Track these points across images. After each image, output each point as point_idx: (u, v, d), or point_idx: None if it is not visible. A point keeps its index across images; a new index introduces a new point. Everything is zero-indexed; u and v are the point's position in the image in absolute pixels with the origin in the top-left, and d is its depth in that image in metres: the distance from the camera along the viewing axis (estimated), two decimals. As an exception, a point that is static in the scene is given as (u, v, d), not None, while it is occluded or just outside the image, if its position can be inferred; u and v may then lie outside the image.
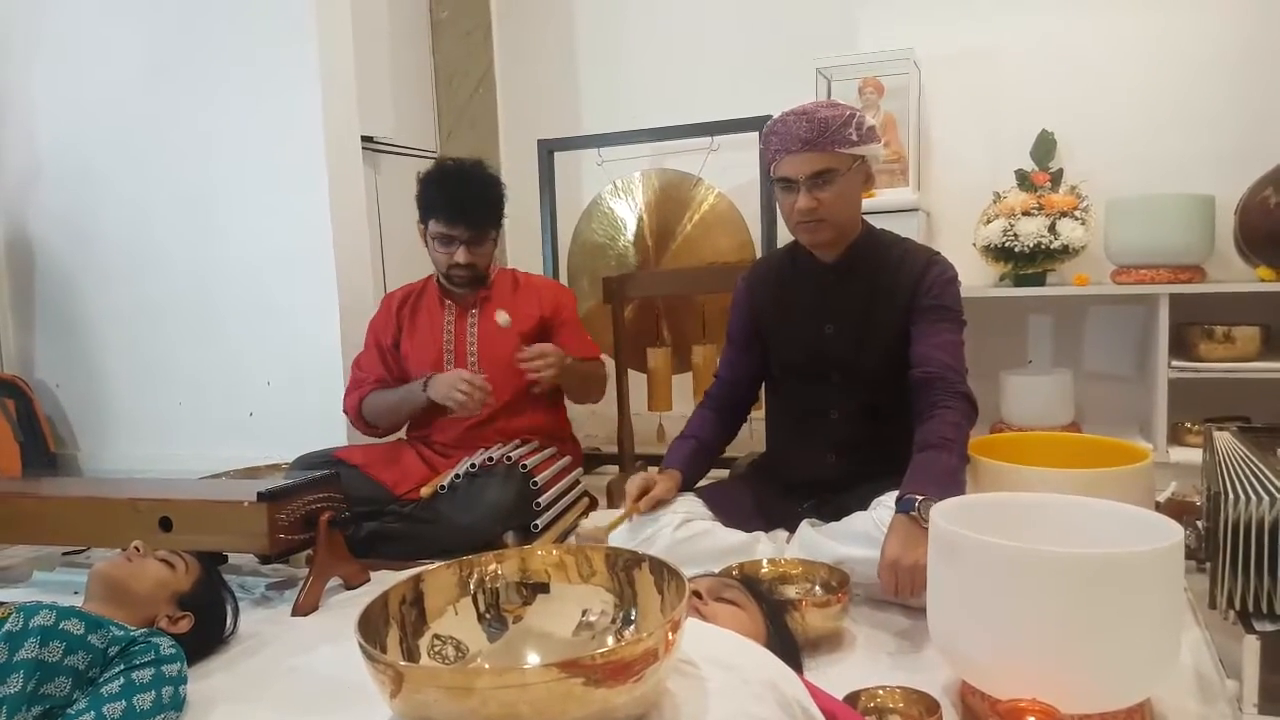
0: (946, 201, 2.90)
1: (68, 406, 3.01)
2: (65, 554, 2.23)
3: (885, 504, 1.60)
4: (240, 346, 2.73)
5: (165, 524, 1.80)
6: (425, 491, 2.08)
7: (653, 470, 1.84)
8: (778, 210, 1.85)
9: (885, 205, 2.62)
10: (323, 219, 2.57)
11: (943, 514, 1.25)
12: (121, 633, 1.28)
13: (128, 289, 2.87)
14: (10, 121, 2.99)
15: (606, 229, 3.02)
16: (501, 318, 2.16)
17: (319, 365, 2.60)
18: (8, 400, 2.81)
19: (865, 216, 1.81)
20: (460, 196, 2.15)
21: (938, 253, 1.77)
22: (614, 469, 2.82)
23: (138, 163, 2.80)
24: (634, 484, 1.76)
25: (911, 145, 2.79)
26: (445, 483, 2.09)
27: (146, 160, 2.79)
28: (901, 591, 1.44)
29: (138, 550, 1.50)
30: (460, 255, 2.18)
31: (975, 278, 2.84)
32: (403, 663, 0.87)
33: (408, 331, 2.34)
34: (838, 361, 1.76)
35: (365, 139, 2.82)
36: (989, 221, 2.69)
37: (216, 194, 2.71)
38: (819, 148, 1.63)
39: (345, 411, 2.33)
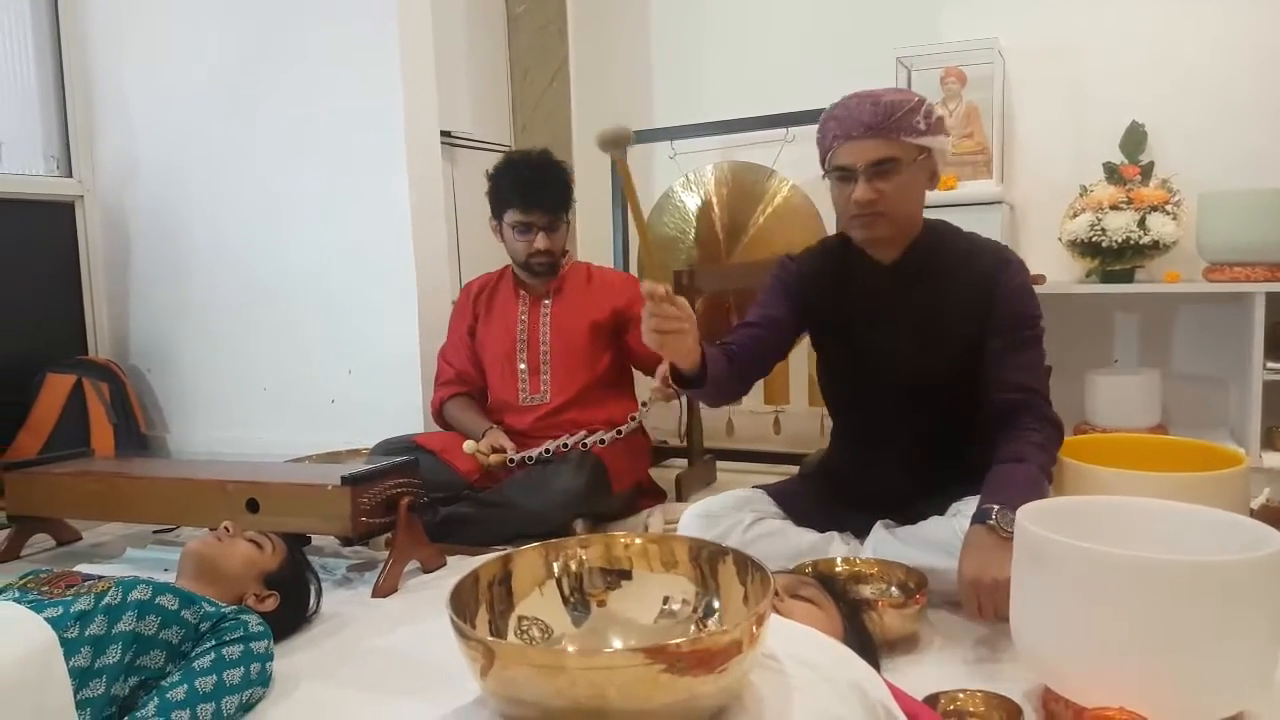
0: (1031, 195, 2.83)
1: (158, 391, 3.13)
2: (156, 532, 2.33)
3: (965, 512, 1.55)
4: (322, 336, 2.80)
5: (252, 505, 1.86)
6: (495, 459, 2.10)
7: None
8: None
9: (968, 198, 2.57)
10: (402, 212, 2.62)
11: (1029, 517, 1.23)
12: (213, 609, 1.33)
13: (215, 280, 2.97)
14: (105, 115, 3.12)
15: (678, 222, 3.02)
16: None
17: (398, 355, 2.66)
18: (102, 384, 2.93)
19: (946, 209, 1.74)
20: (534, 183, 2.19)
21: (1006, 248, 1.66)
22: (682, 463, 2.83)
23: (224, 158, 2.90)
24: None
25: (995, 137, 2.72)
26: (517, 457, 2.11)
27: (232, 155, 2.88)
28: (986, 612, 1.37)
29: (227, 530, 1.55)
30: (540, 242, 2.21)
31: (1060, 273, 2.77)
32: (494, 639, 0.89)
33: (484, 320, 2.38)
34: (899, 372, 1.67)
35: (443, 134, 2.86)
36: (1075, 215, 2.61)
37: (299, 189, 2.78)
38: (882, 134, 1.52)
39: (432, 403, 2.39)
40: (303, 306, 2.82)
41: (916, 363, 1.66)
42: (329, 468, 2.16)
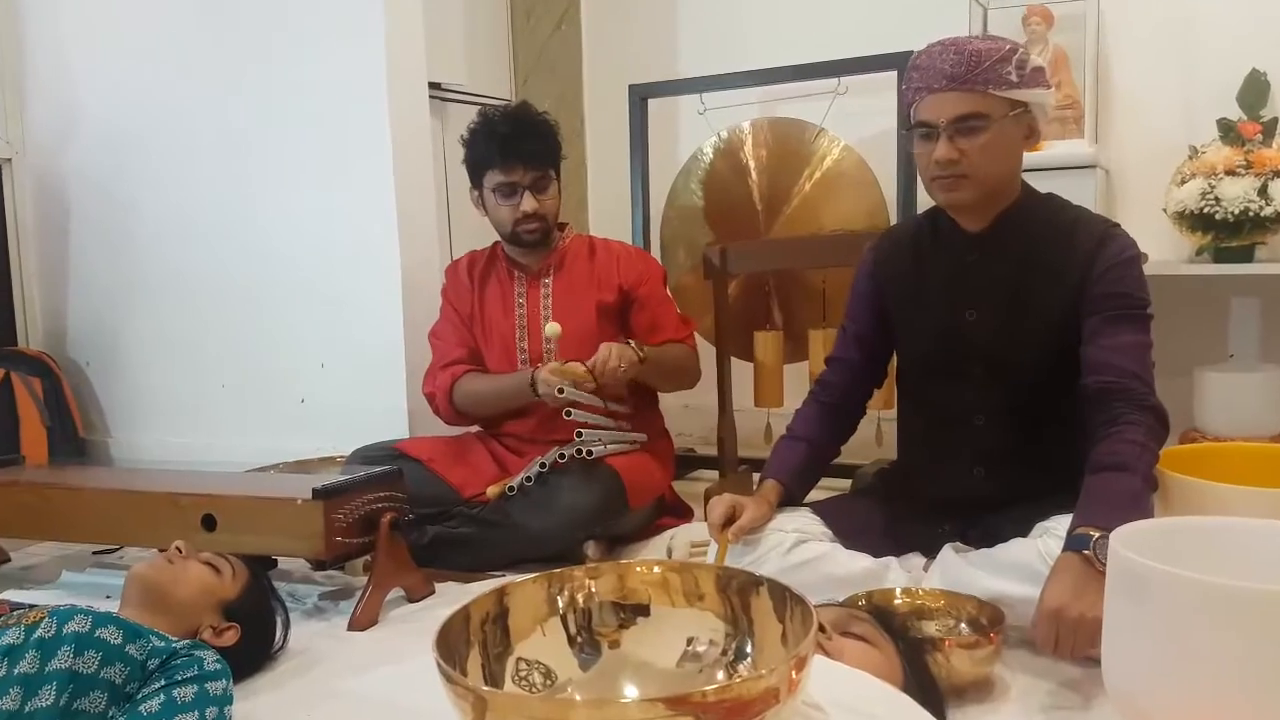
0: (1130, 157, 2.81)
1: (99, 387, 3.17)
2: (96, 553, 2.35)
3: (1055, 532, 1.55)
4: (290, 323, 2.82)
5: (208, 522, 1.87)
6: (492, 492, 2.12)
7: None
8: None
9: (1054, 160, 2.55)
10: (384, 178, 2.63)
11: (1126, 540, 1.21)
12: (162, 644, 1.34)
13: (166, 258, 3.00)
14: (38, 66, 3.14)
15: (708, 190, 3.01)
16: (551, 329, 2.16)
17: (379, 346, 2.68)
18: (34, 379, 2.96)
19: (1029, 175, 1.75)
20: (512, 137, 2.21)
21: (1116, 225, 1.70)
22: (712, 474, 2.83)
23: (178, 116, 2.92)
24: (716, 509, 1.74)
25: (1087, 88, 2.70)
26: (515, 484, 2.12)
27: (187, 114, 2.90)
28: (1062, 649, 1.39)
29: (180, 551, 1.56)
30: (526, 203, 2.22)
31: (1165, 251, 2.74)
32: (487, 688, 0.89)
33: (479, 303, 2.39)
34: (981, 355, 1.71)
35: (432, 86, 2.87)
36: (1183, 182, 2.59)
37: (266, 154, 2.81)
38: (967, 86, 1.58)
39: (430, 394, 2.36)
40: (268, 289, 2.85)
41: (999, 342, 1.70)
42: (298, 478, 2.16)
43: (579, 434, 2.14)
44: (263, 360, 2.87)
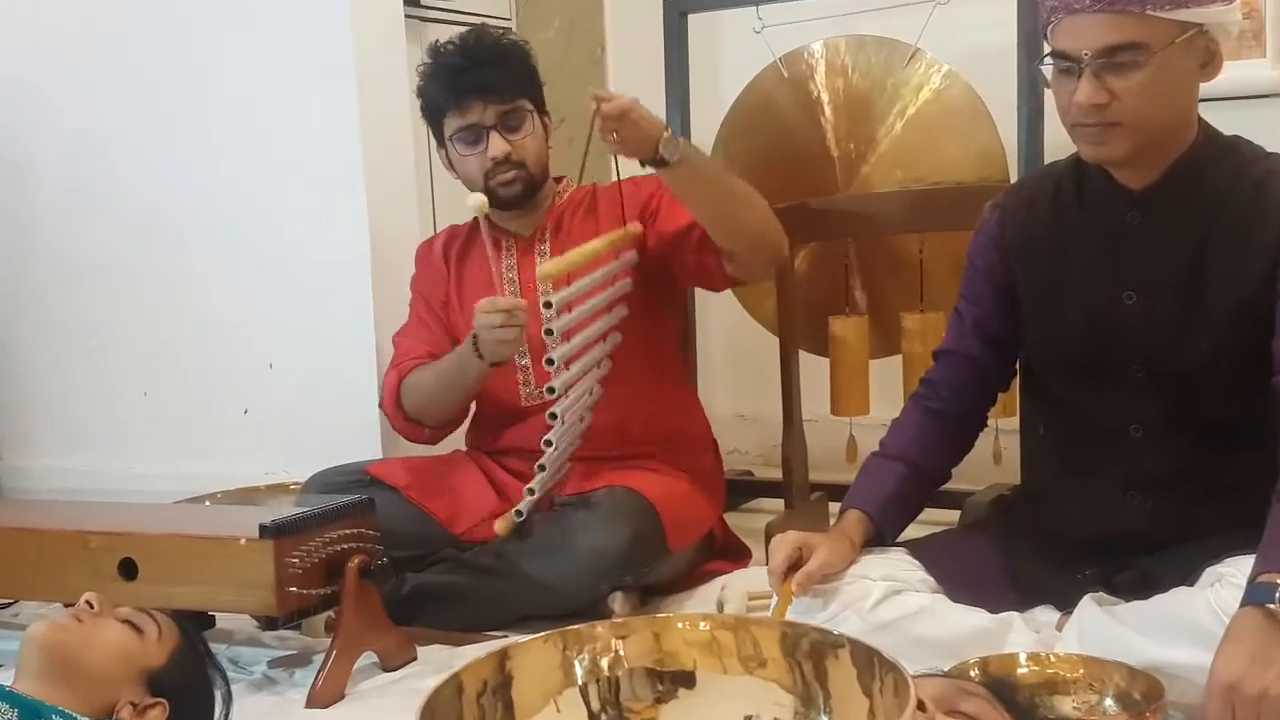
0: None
1: (-16, 398, 3.20)
2: (-15, 609, 2.38)
3: (1232, 579, 1.54)
4: (231, 314, 2.84)
5: (127, 569, 1.89)
6: (499, 528, 2.13)
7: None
8: (1052, 106, 1.79)
9: (1226, 89, 2.49)
10: (347, 122, 2.64)
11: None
12: (70, 724, 1.36)
13: (71, 234, 3.01)
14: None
15: (769, 131, 3.00)
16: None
17: (343, 339, 2.69)
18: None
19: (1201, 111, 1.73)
20: (466, 67, 2.25)
21: None
22: (776, 505, 2.82)
23: (90, 60, 2.93)
24: (778, 552, 1.74)
25: (1268, -3, 2.68)
26: (523, 507, 2.13)
27: (102, 55, 2.92)
28: None
29: (90, 607, 1.56)
30: (495, 146, 2.24)
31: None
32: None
33: (456, 286, 2.40)
34: (1142, 350, 1.71)
35: (409, 3, 2.88)
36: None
37: (197, 97, 2.82)
38: (1119, 5, 1.56)
39: (381, 405, 2.41)
40: (200, 270, 2.86)
41: (1167, 333, 1.69)
42: (241, 512, 2.18)
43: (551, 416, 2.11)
44: (194, 360, 2.89)
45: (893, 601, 1.71)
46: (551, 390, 2.08)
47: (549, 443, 2.11)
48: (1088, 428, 1.77)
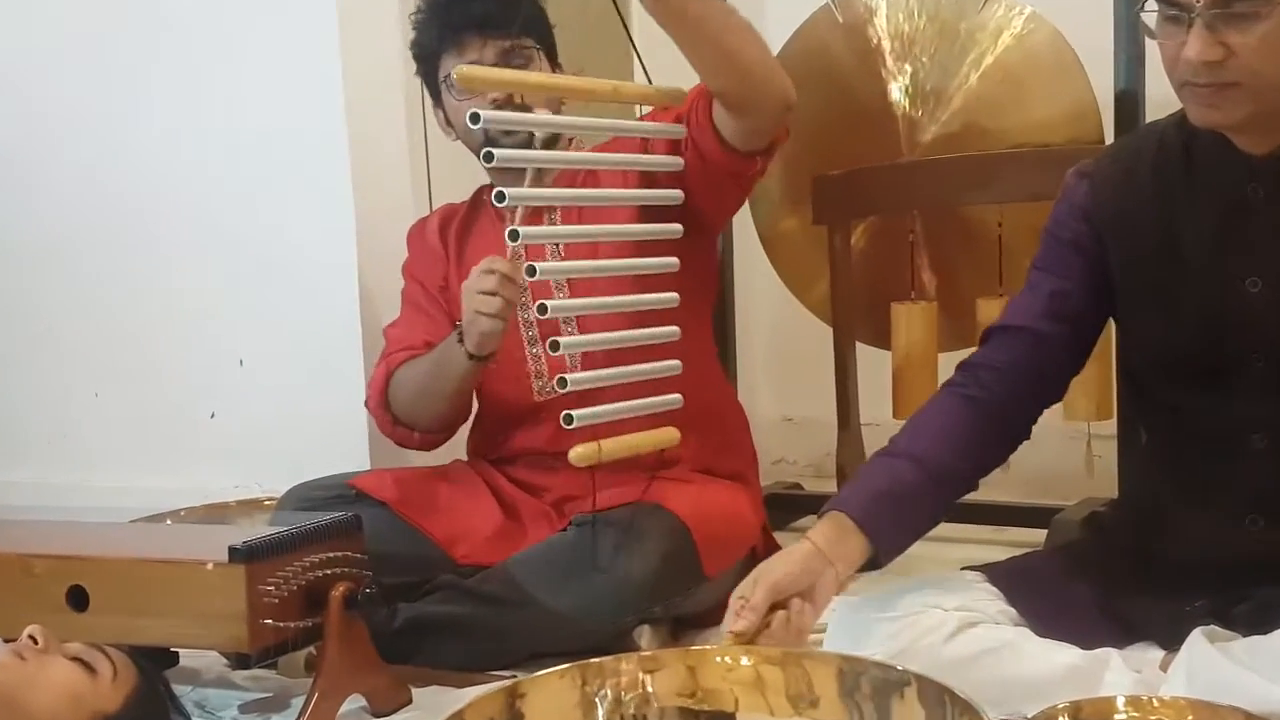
0: None
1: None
2: (-85, 645, 2.39)
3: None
4: (194, 302, 2.85)
5: (77, 598, 1.89)
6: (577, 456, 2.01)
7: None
8: (1154, 55, 1.77)
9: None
10: (329, 88, 2.65)
11: None
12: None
13: (11, 213, 3.02)
14: None
15: (820, 86, 2.98)
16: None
17: (325, 330, 2.70)
18: None
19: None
20: (462, 1, 2.26)
21: None
22: (830, 522, 2.82)
23: (21, 28, 2.95)
24: (748, 594, 1.58)
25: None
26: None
27: (38, 21, 2.93)
28: None
29: (35, 643, 1.57)
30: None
31: None
32: None
33: (456, 267, 2.39)
34: (1269, 346, 1.69)
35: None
36: None
37: (156, 60, 2.83)
38: None
39: (367, 403, 2.41)
40: (162, 253, 2.88)
41: None
42: (208, 532, 2.19)
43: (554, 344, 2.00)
44: (152, 356, 2.90)
45: (968, 635, 1.70)
46: (564, 383, 1.98)
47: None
48: (1200, 436, 1.76)
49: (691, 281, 2.35)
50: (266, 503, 2.41)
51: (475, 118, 1.85)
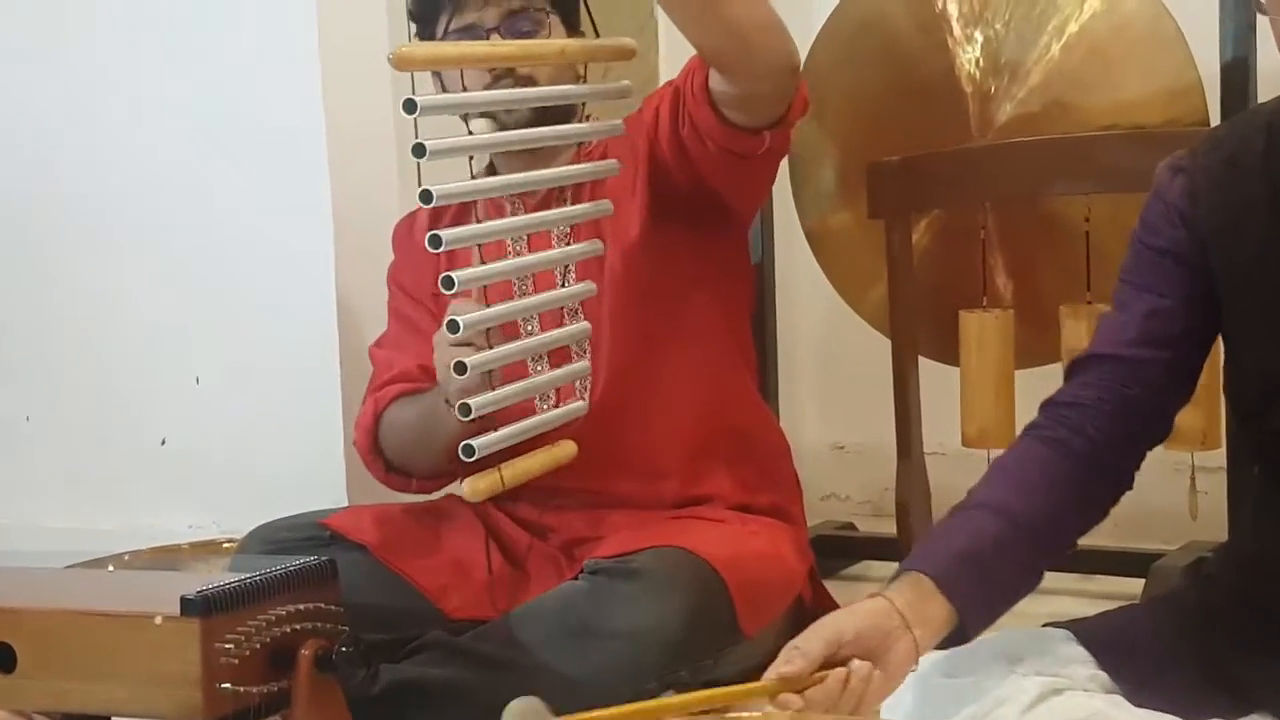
0: None
1: None
2: None
3: None
4: (143, 310, 2.87)
5: (3, 658, 1.87)
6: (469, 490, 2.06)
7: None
8: (1265, 25, 1.78)
9: None
10: (303, 61, 2.68)
11: None
12: None
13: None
14: None
15: (876, 60, 3.02)
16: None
17: (295, 345, 2.72)
18: None
19: None
20: None
21: None
22: (889, 570, 2.79)
23: None
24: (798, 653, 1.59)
25: None
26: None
27: None
28: None
29: (-49, 710, 1.59)
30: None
31: None
32: None
33: (449, 269, 2.40)
34: None
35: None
36: None
37: (110, 33, 2.86)
38: None
39: (356, 445, 2.41)
40: (104, 254, 2.90)
41: None
42: (157, 579, 2.20)
43: None
44: (93, 374, 2.92)
45: (1051, 705, 1.68)
46: (466, 410, 1.98)
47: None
48: None
49: (718, 283, 2.36)
50: (225, 545, 2.43)
51: (410, 105, 1.89)
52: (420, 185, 2.85)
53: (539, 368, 2.22)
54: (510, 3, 2.28)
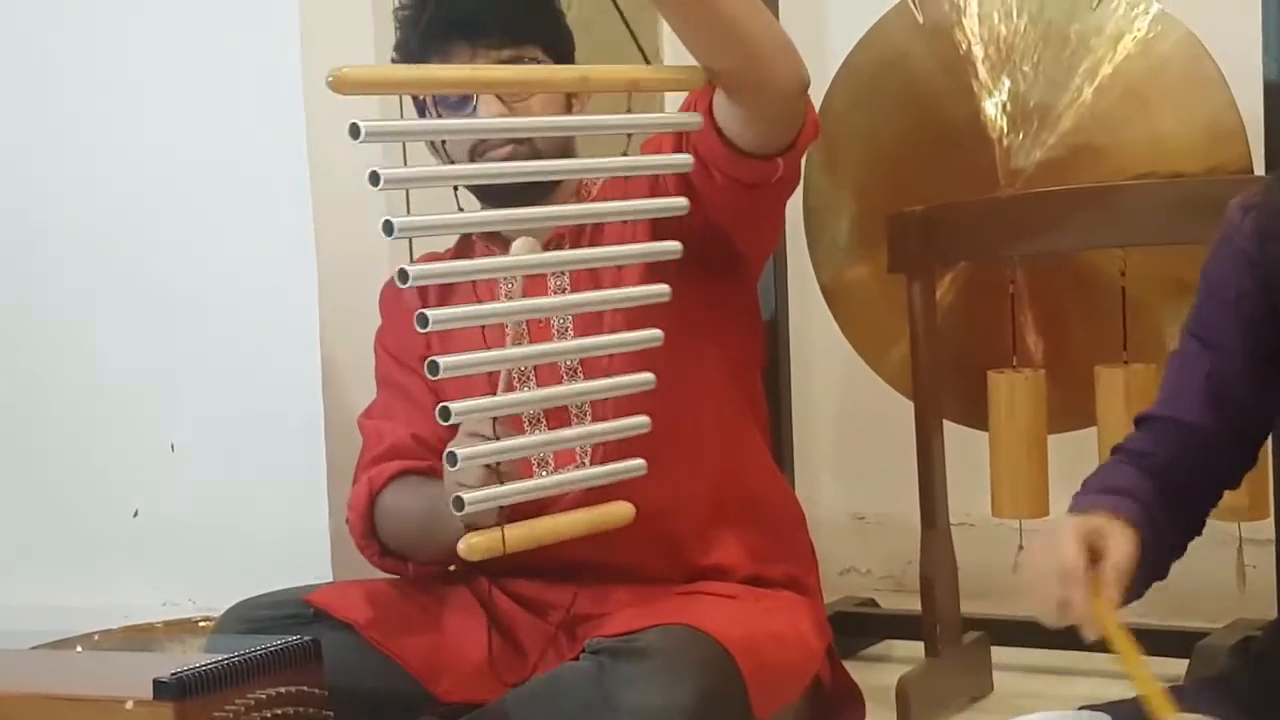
0: None
1: None
2: None
3: None
4: (113, 371, 2.86)
5: (-41, 748, 1.88)
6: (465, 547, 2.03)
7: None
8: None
9: None
10: (286, 86, 2.67)
11: None
12: None
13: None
14: None
15: (897, 101, 3.03)
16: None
17: (276, 408, 2.71)
18: None
19: None
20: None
21: None
22: (912, 650, 2.81)
23: None
24: (1068, 545, 1.58)
25: None
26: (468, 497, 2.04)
27: None
28: None
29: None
30: (485, 111, 2.24)
31: None
32: None
33: (439, 332, 2.39)
34: None
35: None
36: None
37: (85, 74, 2.86)
38: None
39: (348, 525, 2.39)
40: (71, 306, 2.90)
41: None
42: (129, 660, 2.20)
43: None
44: (62, 439, 2.91)
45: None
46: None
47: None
48: None
49: (727, 335, 2.34)
50: (202, 624, 2.41)
51: (374, 178, 1.85)
52: (411, 241, 2.86)
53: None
54: (498, 53, 2.27)
